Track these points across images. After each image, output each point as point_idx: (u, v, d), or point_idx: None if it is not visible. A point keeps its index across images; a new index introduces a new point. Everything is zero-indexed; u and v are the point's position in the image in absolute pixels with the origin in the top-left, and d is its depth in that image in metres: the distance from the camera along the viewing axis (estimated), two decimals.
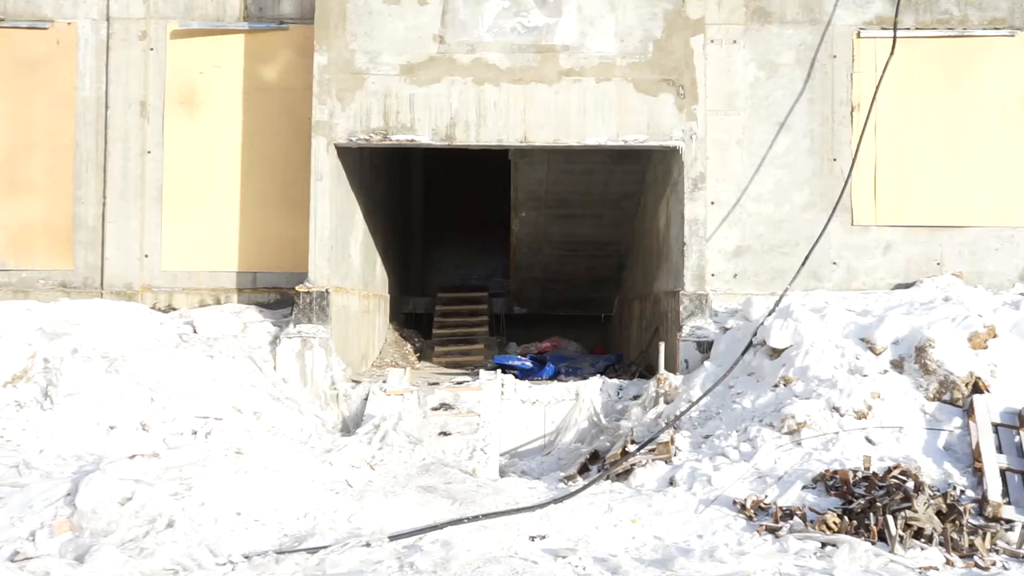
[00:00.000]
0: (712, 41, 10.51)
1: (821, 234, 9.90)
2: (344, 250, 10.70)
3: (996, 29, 10.58)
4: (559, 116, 9.98)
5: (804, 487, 6.88)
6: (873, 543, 6.06)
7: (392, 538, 6.22)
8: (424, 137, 10.00)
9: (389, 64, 9.97)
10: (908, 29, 10.53)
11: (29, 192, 10.64)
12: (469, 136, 10.02)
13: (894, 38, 10.28)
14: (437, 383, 9.90)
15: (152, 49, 10.66)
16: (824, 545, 6.05)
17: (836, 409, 7.59)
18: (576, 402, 9.45)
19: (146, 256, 10.61)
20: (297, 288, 9.85)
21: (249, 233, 10.61)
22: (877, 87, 10.17)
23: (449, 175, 17.65)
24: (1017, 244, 10.48)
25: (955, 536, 6.12)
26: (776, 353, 8.60)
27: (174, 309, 10.43)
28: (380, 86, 9.96)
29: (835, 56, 10.60)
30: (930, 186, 10.50)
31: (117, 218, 10.62)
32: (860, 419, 7.49)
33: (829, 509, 6.48)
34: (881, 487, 6.55)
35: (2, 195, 10.63)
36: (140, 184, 10.63)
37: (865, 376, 7.86)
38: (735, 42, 10.63)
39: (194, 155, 10.63)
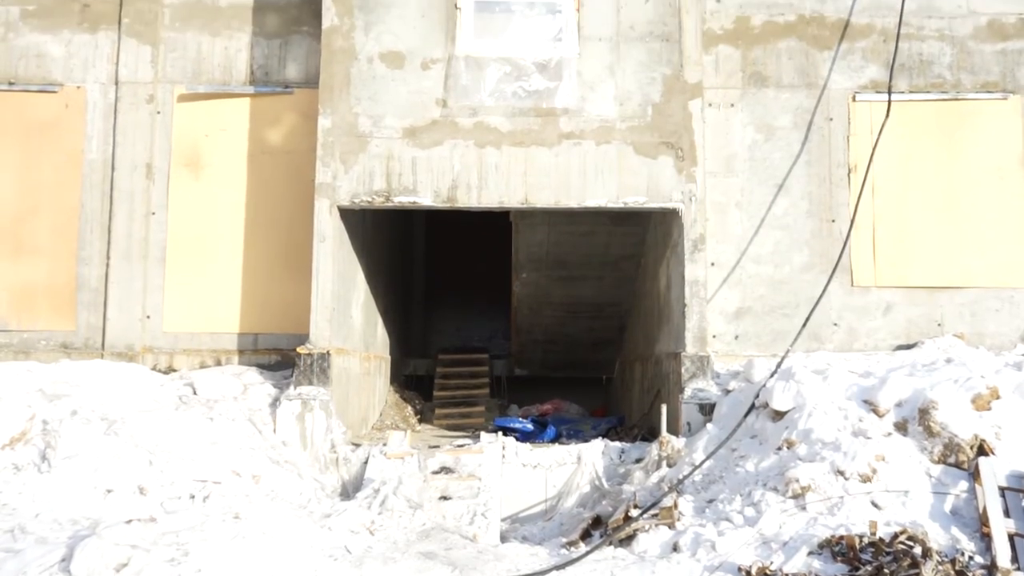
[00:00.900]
0: (710, 104, 10.67)
1: (821, 295, 9.92)
2: (345, 311, 10.72)
3: (989, 92, 10.75)
4: (560, 178, 10.08)
5: (810, 553, 6.77)
6: None
7: None
8: (426, 199, 10.08)
9: (392, 127, 10.11)
10: (903, 93, 10.70)
11: (34, 253, 10.70)
12: (471, 198, 10.10)
13: (889, 101, 10.44)
14: (438, 446, 9.83)
15: (159, 112, 10.82)
16: None
17: (841, 472, 7.51)
18: (578, 466, 9.36)
19: (148, 317, 10.62)
20: (298, 349, 9.84)
21: (251, 294, 10.64)
22: (873, 149, 10.28)
23: (451, 235, 17.75)
24: (1017, 305, 10.50)
25: None
26: (779, 415, 8.55)
27: (174, 370, 10.41)
28: (383, 149, 10.08)
29: (831, 119, 10.75)
30: (929, 247, 10.56)
31: (120, 279, 10.65)
32: (865, 482, 7.41)
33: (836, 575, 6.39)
34: (888, 553, 6.45)
35: (8, 256, 10.69)
36: (144, 245, 10.69)
37: (869, 439, 7.80)
38: (733, 105, 10.80)
39: (198, 216, 10.72)
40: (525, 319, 14.52)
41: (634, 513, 7.85)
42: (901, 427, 7.95)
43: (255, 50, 10.91)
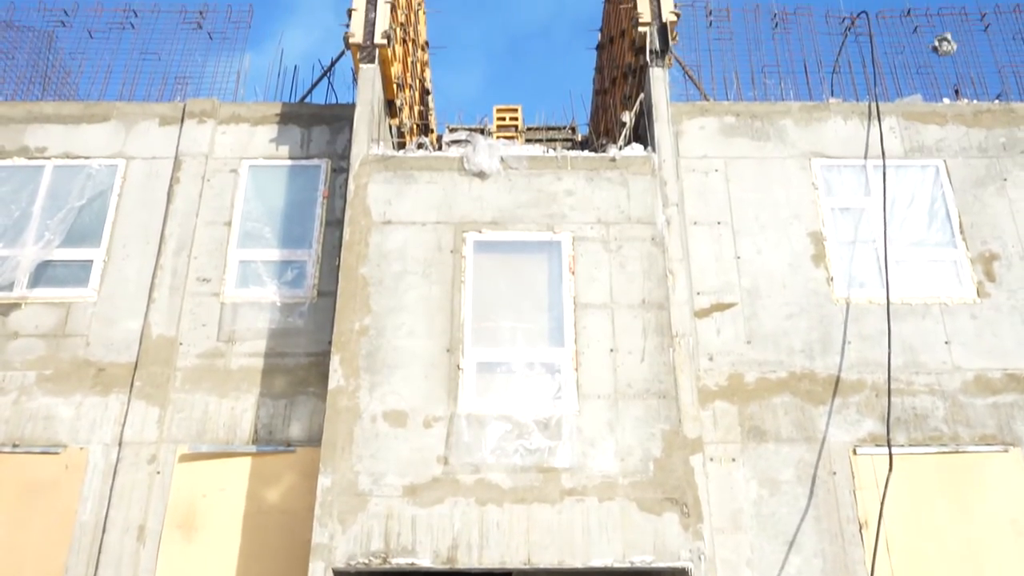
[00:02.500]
0: (711, 459, 10.67)
1: None
2: None
3: (988, 445, 10.80)
4: (563, 536, 9.78)
5: None
6: None
7: None
8: (425, 560, 9.70)
9: (392, 485, 10.00)
10: (902, 446, 10.74)
11: None
12: (471, 558, 9.72)
13: (890, 455, 10.44)
14: None
15: (159, 472, 10.77)
16: None
17: None
18: None
19: None
20: None
21: None
22: (882, 504, 10.11)
23: None
24: None
25: None
26: None
27: None
28: (382, 507, 9.89)
29: (835, 473, 10.69)
30: None
31: None
32: None
33: None
34: None
35: None
36: None
37: None
38: (734, 460, 10.79)
39: None
40: None
41: None
42: None
43: (261, 410, 11.14)
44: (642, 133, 12.51)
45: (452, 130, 16.44)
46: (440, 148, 12.84)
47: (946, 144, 12.66)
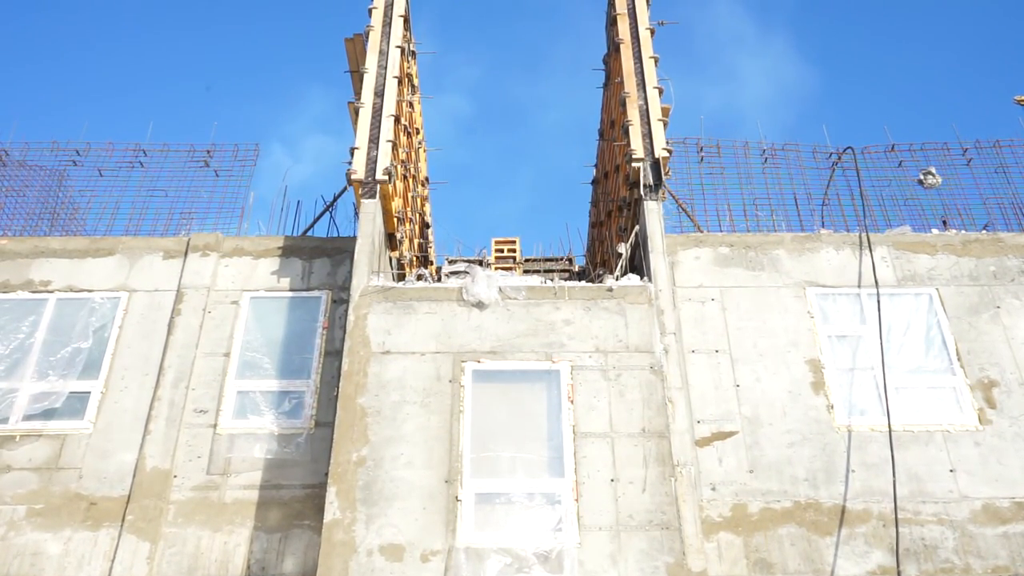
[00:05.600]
0: None
1: None
2: None
3: (1006, 572, 10.50)
4: None
5: None
6: None
7: None
8: None
9: None
10: None
11: None
12: None
13: None
14: None
15: None
16: None
17: None
18: None
19: None
20: None
21: None
22: None
23: None
24: None
25: None
26: None
27: None
28: None
29: None
30: None
31: None
32: None
33: None
34: None
35: None
36: None
37: None
38: None
39: None
40: None
41: None
42: None
43: (254, 544, 10.86)
44: (638, 264, 12.73)
45: (451, 262, 16.72)
46: (439, 279, 13.03)
47: (937, 273, 12.85)
